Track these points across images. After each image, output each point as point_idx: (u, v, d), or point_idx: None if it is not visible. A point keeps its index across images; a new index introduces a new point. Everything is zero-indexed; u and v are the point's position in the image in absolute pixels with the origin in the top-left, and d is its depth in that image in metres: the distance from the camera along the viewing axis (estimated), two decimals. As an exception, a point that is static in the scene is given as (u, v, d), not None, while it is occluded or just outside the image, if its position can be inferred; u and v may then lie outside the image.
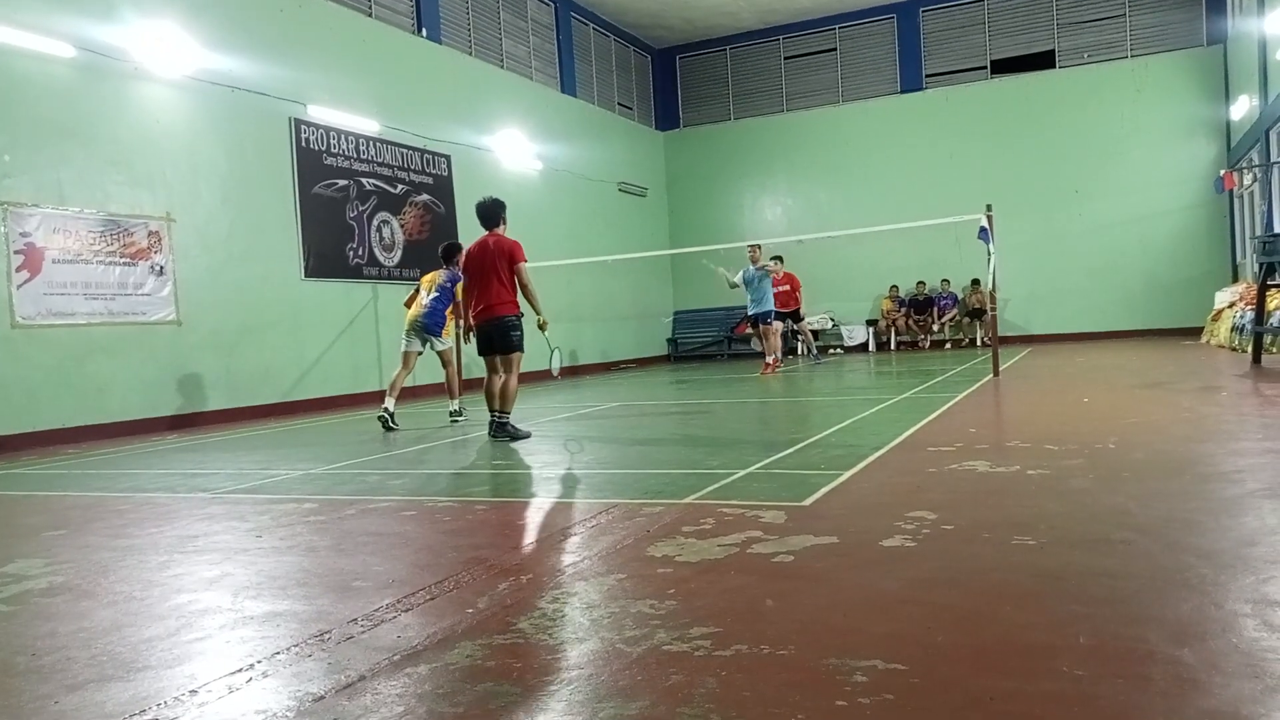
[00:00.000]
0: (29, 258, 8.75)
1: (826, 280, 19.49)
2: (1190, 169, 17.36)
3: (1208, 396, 7.47)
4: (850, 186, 19.49)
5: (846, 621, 2.46)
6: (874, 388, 10.68)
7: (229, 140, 10.89)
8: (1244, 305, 12.14)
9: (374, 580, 3.10)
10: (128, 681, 2.28)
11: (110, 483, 5.99)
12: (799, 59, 20.35)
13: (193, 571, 3.38)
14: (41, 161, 8.92)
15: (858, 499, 4.06)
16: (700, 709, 1.91)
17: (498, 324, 7.16)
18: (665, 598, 2.69)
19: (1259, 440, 5.07)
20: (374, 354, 12.78)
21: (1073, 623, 2.32)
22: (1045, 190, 18.05)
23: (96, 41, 9.43)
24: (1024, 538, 3.15)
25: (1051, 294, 18.15)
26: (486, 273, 7.17)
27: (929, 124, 18.96)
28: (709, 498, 4.19)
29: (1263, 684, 1.89)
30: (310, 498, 4.87)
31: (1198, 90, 17.33)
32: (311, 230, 11.88)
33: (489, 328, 7.22)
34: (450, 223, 14.37)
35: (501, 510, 4.43)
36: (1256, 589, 2.48)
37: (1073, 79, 18.11)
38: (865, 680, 2.01)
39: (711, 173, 20.87)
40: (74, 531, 4.35)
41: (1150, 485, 4.01)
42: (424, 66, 14.25)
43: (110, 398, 9.40)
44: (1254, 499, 3.61)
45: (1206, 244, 17.28)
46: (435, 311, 8.77)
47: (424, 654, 2.33)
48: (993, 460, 4.80)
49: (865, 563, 3.00)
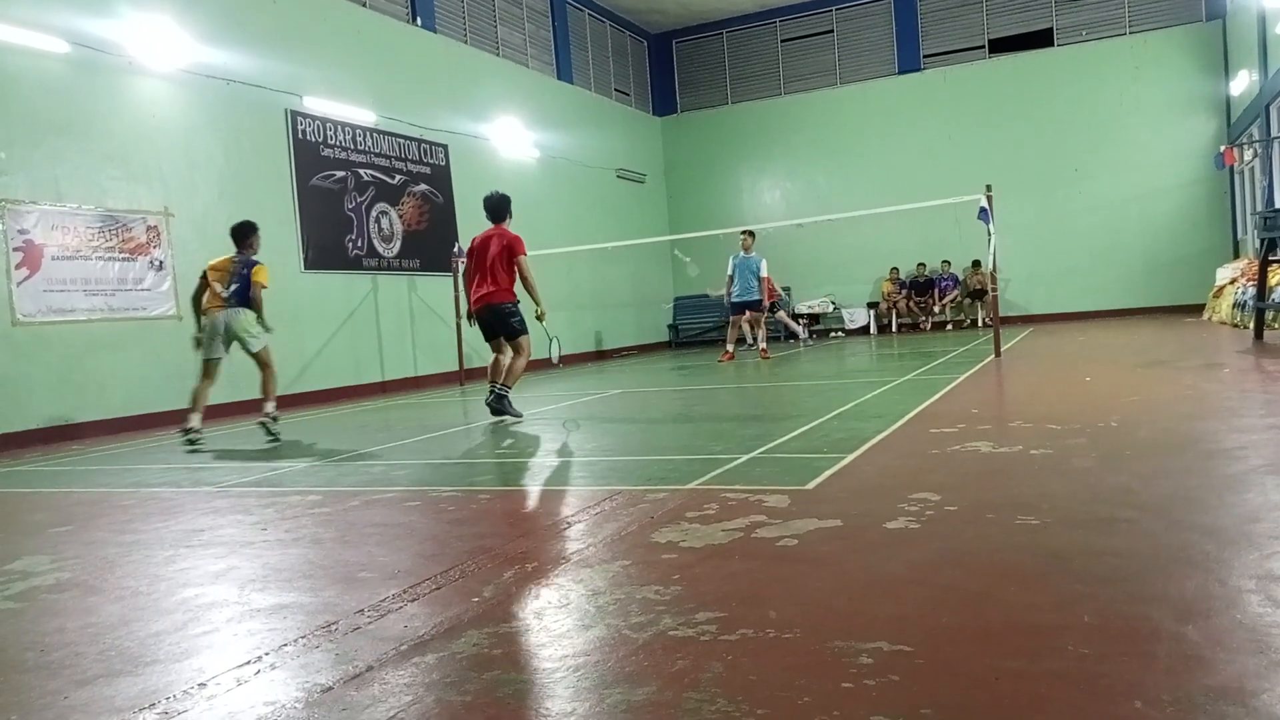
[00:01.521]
0: (28, 255, 8.74)
1: (827, 264, 19.48)
2: (1190, 145, 17.29)
3: (1210, 373, 7.47)
4: (849, 169, 19.43)
5: (851, 604, 2.47)
6: (876, 370, 10.68)
7: (225, 133, 10.85)
8: (1245, 281, 12.11)
9: (380, 571, 3.11)
10: (136, 676, 2.29)
11: (114, 478, 6.00)
12: (796, 41, 20.25)
13: (199, 565, 3.39)
14: (38, 158, 8.90)
15: (861, 482, 4.06)
16: (707, 693, 1.92)
17: (496, 310, 7.49)
18: (670, 583, 2.70)
19: (1261, 417, 5.07)
20: (375, 346, 12.79)
21: (1077, 602, 2.32)
22: (1045, 169, 17.99)
23: (90, 36, 9.39)
24: (1027, 518, 3.16)
25: (1052, 273, 18.12)
26: (488, 263, 7.47)
27: (927, 105, 18.88)
28: (712, 483, 4.20)
29: (1267, 659, 1.89)
30: (314, 490, 4.88)
31: (1197, 66, 17.24)
32: (310, 222, 11.86)
33: (487, 314, 7.55)
34: (449, 212, 14.35)
35: (505, 499, 4.44)
36: (1260, 565, 2.49)
37: (1071, 57, 18.02)
38: (871, 662, 2.01)
39: (710, 158, 20.80)
40: (79, 527, 4.37)
41: (1153, 463, 4.01)
42: (419, 56, 14.19)
43: (113, 394, 9.41)
44: (1257, 475, 3.61)
45: (1207, 220, 17.23)
46: (238, 306, 7.50)
47: (431, 643, 2.34)
48: (995, 441, 4.80)
49: (869, 545, 3.01)
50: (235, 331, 7.52)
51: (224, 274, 7.53)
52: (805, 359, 13.16)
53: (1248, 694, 1.74)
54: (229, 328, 7.48)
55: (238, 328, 7.51)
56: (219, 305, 7.49)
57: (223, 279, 7.50)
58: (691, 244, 16.75)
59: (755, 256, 13.26)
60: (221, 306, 7.48)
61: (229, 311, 7.48)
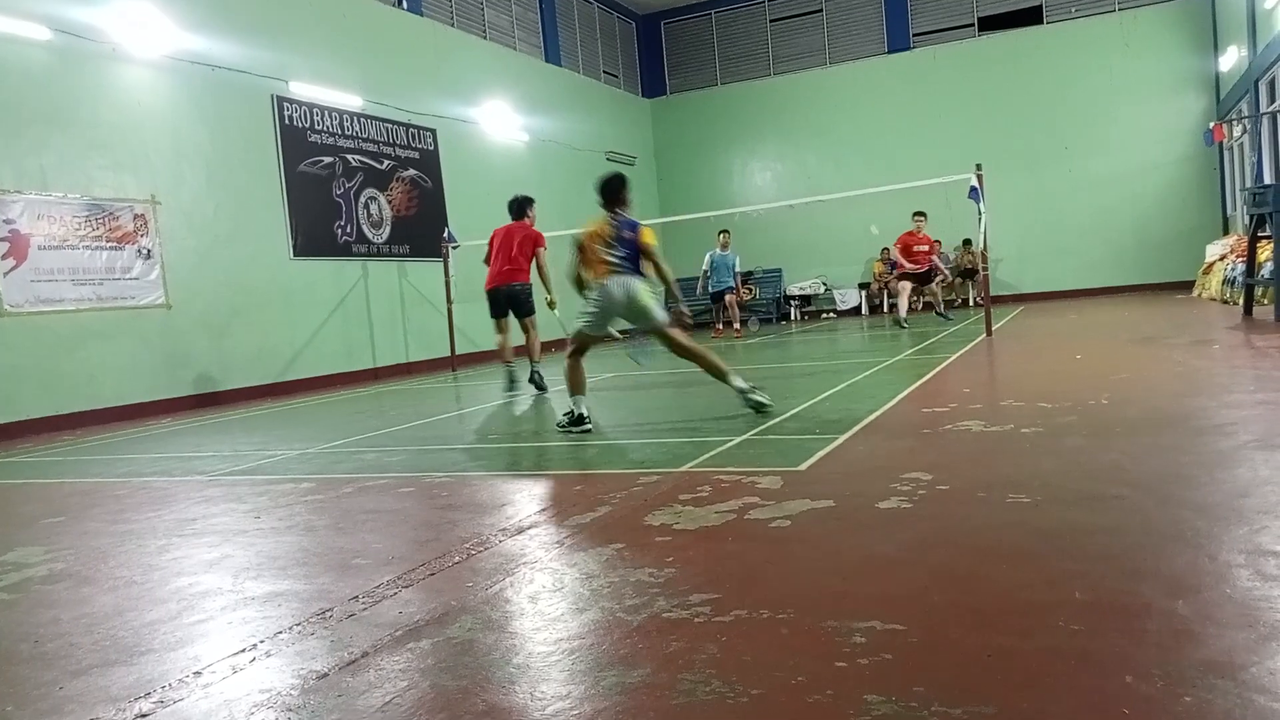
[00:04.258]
0: (14, 245, 8.68)
1: (817, 244, 19.46)
2: (1179, 122, 17.29)
3: (1200, 350, 7.50)
4: (839, 149, 19.39)
5: (844, 584, 2.48)
6: (868, 351, 10.70)
7: (211, 120, 10.76)
8: (1235, 258, 12.15)
9: (373, 557, 3.11)
10: (131, 665, 2.29)
11: (106, 468, 5.98)
12: (785, 21, 20.15)
13: (192, 554, 3.38)
14: (22, 147, 8.82)
15: (853, 462, 4.07)
16: (701, 675, 1.92)
17: (513, 289, 8.48)
18: (664, 566, 2.71)
19: (1251, 392, 5.09)
20: (366, 333, 12.75)
21: (1068, 579, 2.34)
22: (1035, 148, 17.98)
23: (73, 22, 9.29)
24: (1019, 496, 3.17)
25: (1043, 252, 18.14)
26: (513, 249, 8.43)
27: (917, 84, 18.83)
28: (705, 465, 4.20)
29: (1256, 633, 1.91)
30: (307, 477, 4.87)
31: (1186, 42, 17.22)
32: (298, 209, 11.79)
33: (505, 292, 8.48)
34: (438, 197, 14.29)
35: (498, 484, 4.44)
36: (1250, 540, 2.50)
37: (1060, 34, 17.98)
38: (864, 641, 2.02)
39: (700, 139, 20.73)
40: (72, 518, 4.35)
41: (1143, 440, 4.03)
42: (405, 39, 14.08)
43: (103, 383, 9.37)
44: (1246, 451, 3.63)
45: (1197, 197, 17.26)
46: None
47: (425, 629, 2.35)
48: (987, 420, 4.81)
49: (862, 525, 3.02)
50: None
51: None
52: (796, 340, 13.16)
53: (1237, 667, 1.75)
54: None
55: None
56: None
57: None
58: (681, 226, 16.76)
59: (730, 253, 15.06)
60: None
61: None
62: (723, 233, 15.12)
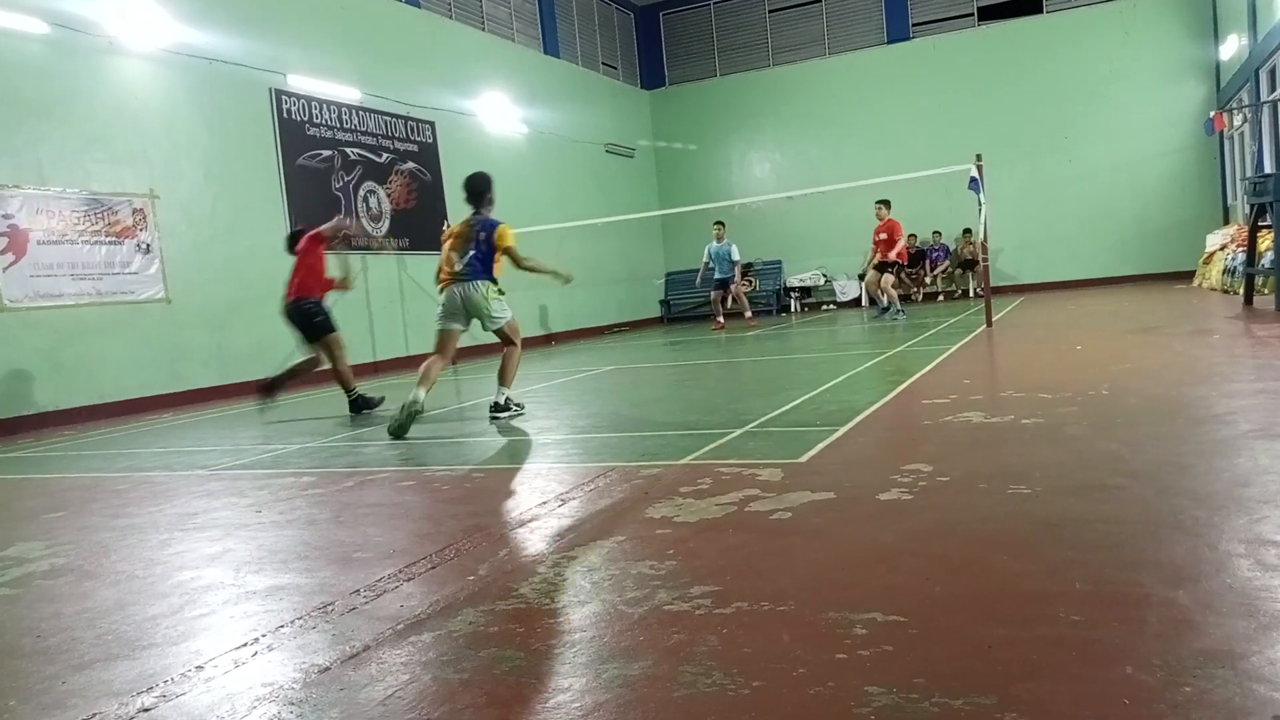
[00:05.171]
0: (13, 240, 8.67)
1: (817, 236, 19.42)
2: (1180, 111, 17.25)
3: (1200, 339, 7.50)
4: (839, 140, 19.34)
5: (845, 576, 2.48)
6: (868, 342, 10.69)
7: (209, 113, 10.74)
8: (1235, 247, 12.13)
9: (375, 551, 3.11)
10: (134, 659, 2.29)
11: (107, 463, 5.99)
12: (784, 11, 20.08)
13: (194, 548, 3.39)
14: (20, 142, 8.80)
15: (854, 454, 4.08)
16: (703, 666, 1.93)
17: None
18: (665, 558, 2.71)
19: (1251, 382, 5.09)
20: (365, 326, 12.74)
21: (1069, 569, 2.34)
22: (1034, 137, 17.93)
23: (69, 16, 9.25)
24: (1019, 487, 3.17)
25: (1043, 242, 18.11)
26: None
27: (917, 74, 18.77)
28: (706, 458, 4.21)
29: (1256, 622, 1.91)
30: (308, 471, 4.87)
31: (1186, 31, 17.16)
32: (297, 202, 11.77)
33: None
34: (437, 190, 14.26)
35: (499, 477, 4.44)
36: (1249, 529, 2.50)
37: (1060, 23, 17.91)
38: (865, 633, 2.03)
39: (699, 131, 20.67)
40: (73, 513, 4.36)
41: (1143, 430, 4.03)
42: (403, 31, 14.03)
43: (103, 378, 9.36)
44: (1246, 440, 3.63)
45: (1197, 187, 17.22)
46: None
47: (427, 622, 2.35)
48: (987, 410, 4.82)
49: (862, 517, 3.02)
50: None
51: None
52: (796, 331, 13.16)
53: (1237, 657, 1.76)
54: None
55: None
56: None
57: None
58: (682, 218, 16.72)
59: (726, 244, 14.93)
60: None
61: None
62: (717, 224, 15.17)
